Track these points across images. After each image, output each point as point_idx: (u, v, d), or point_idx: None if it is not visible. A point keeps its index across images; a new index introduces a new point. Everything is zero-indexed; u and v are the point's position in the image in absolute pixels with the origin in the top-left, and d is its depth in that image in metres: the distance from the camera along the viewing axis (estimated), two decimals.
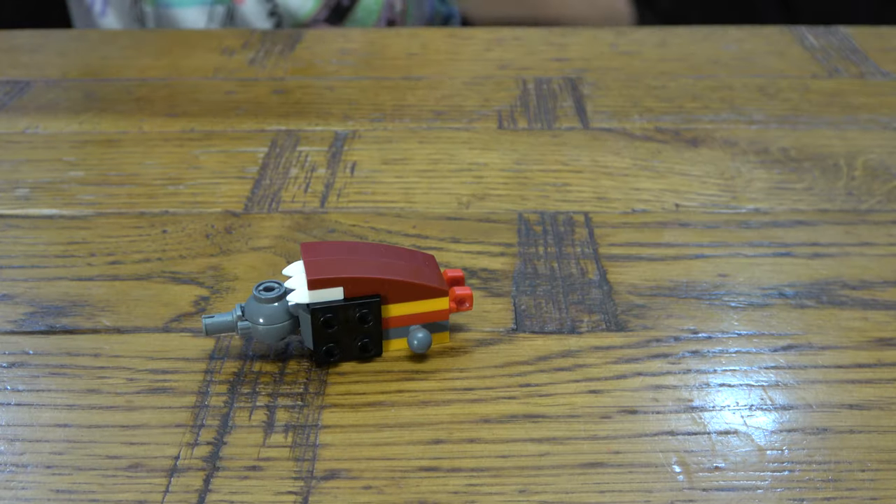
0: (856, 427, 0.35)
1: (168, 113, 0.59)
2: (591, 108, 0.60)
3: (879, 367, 0.38)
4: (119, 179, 0.52)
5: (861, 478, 0.33)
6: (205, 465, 0.33)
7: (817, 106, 0.60)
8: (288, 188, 0.51)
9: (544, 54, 0.68)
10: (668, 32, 0.72)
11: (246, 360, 0.38)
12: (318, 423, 0.35)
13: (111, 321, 0.41)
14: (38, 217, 0.48)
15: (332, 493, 0.32)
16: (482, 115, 0.59)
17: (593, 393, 0.37)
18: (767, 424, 0.35)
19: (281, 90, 0.63)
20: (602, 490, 0.32)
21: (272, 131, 0.57)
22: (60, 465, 0.33)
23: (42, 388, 0.37)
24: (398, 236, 0.47)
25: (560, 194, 0.50)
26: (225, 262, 0.45)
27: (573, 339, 0.39)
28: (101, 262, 0.45)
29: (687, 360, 0.38)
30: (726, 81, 0.64)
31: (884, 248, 0.45)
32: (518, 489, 0.32)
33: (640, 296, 0.42)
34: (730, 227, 0.47)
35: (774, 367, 0.38)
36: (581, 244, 0.46)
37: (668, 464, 0.33)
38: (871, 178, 0.52)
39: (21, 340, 0.40)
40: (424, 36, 0.72)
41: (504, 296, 0.42)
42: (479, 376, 0.37)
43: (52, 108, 0.60)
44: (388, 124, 0.58)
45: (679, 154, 0.54)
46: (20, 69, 0.66)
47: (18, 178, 0.52)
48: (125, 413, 0.36)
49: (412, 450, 0.34)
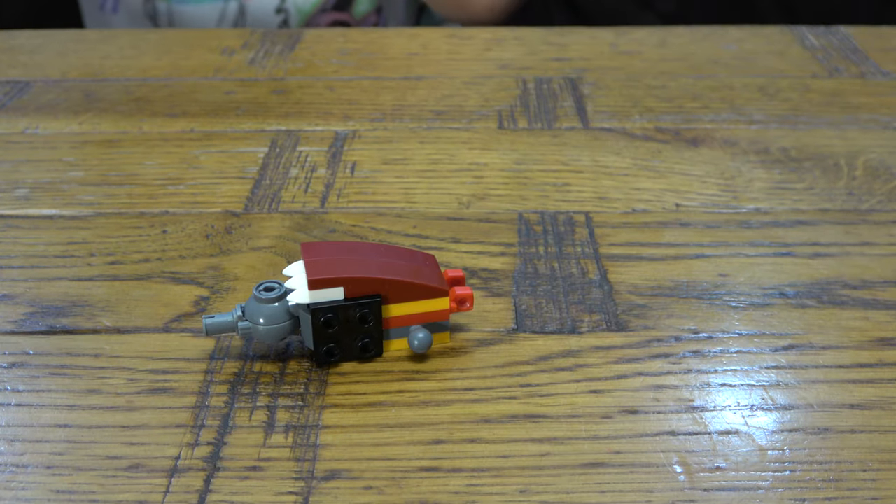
0: (857, 427, 0.35)
1: (168, 113, 0.59)
2: (592, 107, 0.60)
3: (880, 367, 0.38)
4: (119, 179, 0.52)
5: (862, 478, 0.33)
6: (205, 465, 0.33)
7: (818, 106, 0.60)
8: (288, 188, 0.51)
9: (544, 54, 0.68)
10: (668, 32, 0.72)
11: (246, 361, 0.38)
12: (318, 423, 0.35)
13: (111, 321, 0.41)
14: (38, 217, 0.48)
15: (332, 494, 0.32)
16: (482, 115, 0.59)
17: (594, 393, 0.37)
18: (768, 424, 0.35)
19: (281, 90, 0.63)
20: (603, 490, 0.32)
21: (272, 131, 0.57)
22: (61, 465, 0.33)
23: (42, 388, 0.37)
24: (398, 236, 0.46)
25: (560, 194, 0.50)
26: (225, 262, 0.45)
27: (574, 339, 0.39)
28: (101, 262, 0.45)
29: (688, 360, 0.38)
30: (726, 81, 0.64)
31: (884, 248, 0.45)
32: (519, 489, 0.32)
33: (640, 296, 0.42)
34: (730, 226, 0.47)
35: (775, 367, 0.38)
36: (581, 244, 0.46)
37: (669, 464, 0.33)
38: (871, 177, 0.52)
39: (21, 341, 0.40)
40: (424, 36, 0.72)
41: (504, 296, 0.42)
42: (480, 376, 0.37)
43: (52, 108, 0.60)
44: (388, 124, 0.58)
45: (679, 154, 0.54)
46: (20, 69, 0.66)
47: (18, 179, 0.52)
48: (125, 413, 0.36)
49: (413, 450, 0.34)
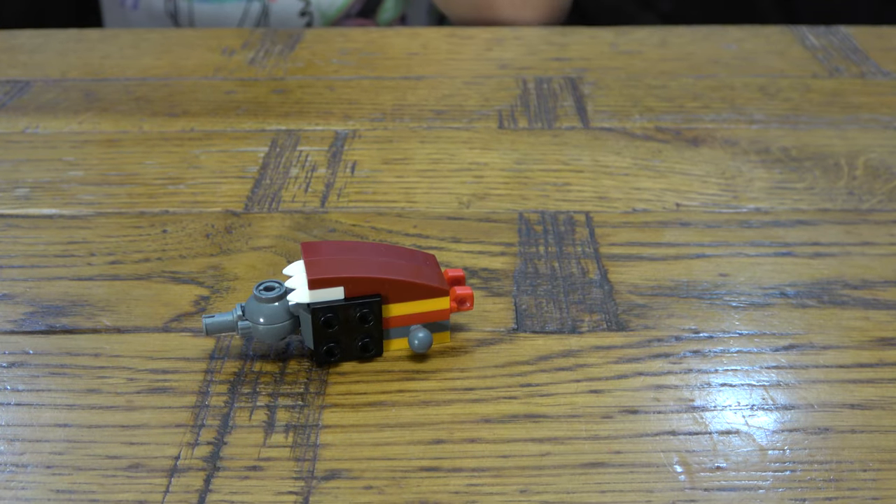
0: (857, 427, 0.35)
1: (168, 113, 0.59)
2: (592, 107, 0.60)
3: (881, 367, 0.38)
4: (119, 179, 0.52)
5: (863, 477, 0.33)
6: (205, 465, 0.33)
7: (818, 105, 0.60)
8: (288, 188, 0.51)
9: (544, 54, 0.68)
10: (668, 32, 0.72)
11: (246, 360, 0.38)
12: (318, 422, 0.35)
13: (111, 321, 0.41)
14: (38, 217, 0.48)
15: (332, 494, 0.32)
16: (482, 115, 0.59)
17: (594, 393, 0.37)
18: (769, 424, 0.35)
19: (281, 90, 0.63)
20: (603, 490, 0.32)
21: (272, 131, 0.57)
22: (60, 465, 0.33)
23: (42, 387, 0.37)
24: (399, 236, 0.46)
25: (561, 194, 0.50)
26: (225, 262, 0.44)
27: (574, 339, 0.39)
28: (101, 261, 0.45)
29: (688, 360, 0.38)
30: (727, 81, 0.64)
31: (885, 248, 0.45)
32: (519, 489, 0.32)
33: (640, 295, 0.42)
34: (731, 226, 0.47)
35: (776, 367, 0.38)
36: (582, 244, 0.46)
37: (670, 464, 0.33)
38: (872, 177, 0.52)
39: (21, 340, 0.40)
40: (425, 35, 0.72)
41: (505, 295, 0.42)
42: (480, 376, 0.37)
43: (52, 107, 0.60)
44: (388, 124, 0.58)
45: (680, 154, 0.54)
46: (20, 69, 0.66)
47: (18, 178, 0.52)
48: (125, 413, 0.36)
49: (413, 450, 0.34)
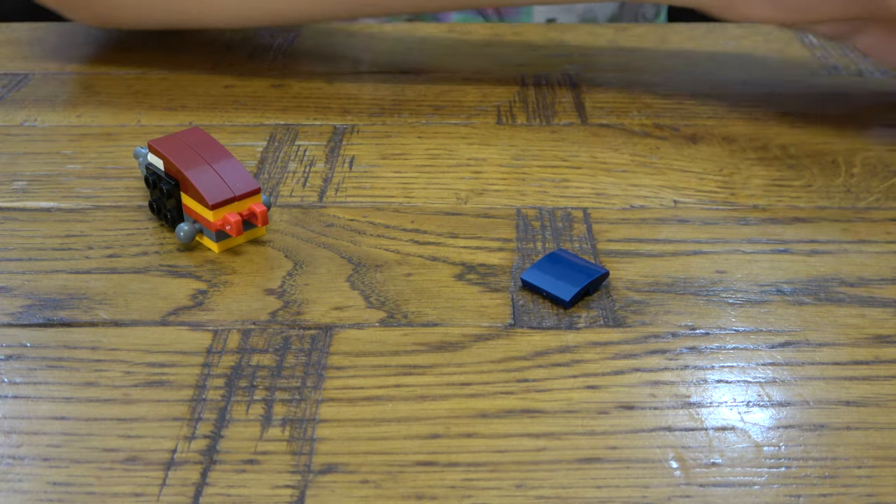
0: (853, 424, 0.35)
1: (166, 106, 0.59)
2: (590, 103, 0.60)
3: (877, 364, 0.38)
4: (117, 173, 0.52)
5: (858, 474, 0.33)
6: (202, 458, 0.33)
7: (816, 103, 0.60)
8: (286, 182, 0.51)
9: (543, 50, 0.68)
10: (667, 29, 0.72)
11: (243, 354, 0.38)
12: (315, 416, 0.35)
13: (109, 314, 0.41)
14: (36, 210, 0.48)
15: (329, 487, 0.32)
16: (481, 111, 0.59)
17: (591, 388, 0.37)
18: (764, 421, 0.35)
19: (280, 84, 0.63)
20: (599, 485, 0.32)
21: (271, 125, 0.57)
22: (57, 457, 0.33)
23: (39, 380, 0.37)
24: (396, 231, 0.47)
25: (558, 190, 0.50)
26: (223, 256, 0.45)
27: (571, 335, 0.39)
28: (99, 255, 0.45)
29: (684, 356, 0.38)
30: (726, 78, 0.64)
31: (882, 246, 0.45)
32: (515, 484, 0.32)
33: (637, 292, 0.42)
34: (728, 223, 0.47)
35: (772, 364, 0.38)
36: (579, 240, 0.46)
37: (665, 459, 0.33)
38: (869, 175, 0.52)
39: (18, 333, 0.40)
40: (423, 30, 0.72)
41: (502, 291, 0.42)
42: (477, 371, 0.37)
43: (50, 100, 0.60)
44: (386, 119, 0.58)
45: (678, 150, 0.54)
46: (18, 62, 0.66)
47: (16, 171, 0.52)
48: (122, 406, 0.36)
49: (409, 444, 0.34)
